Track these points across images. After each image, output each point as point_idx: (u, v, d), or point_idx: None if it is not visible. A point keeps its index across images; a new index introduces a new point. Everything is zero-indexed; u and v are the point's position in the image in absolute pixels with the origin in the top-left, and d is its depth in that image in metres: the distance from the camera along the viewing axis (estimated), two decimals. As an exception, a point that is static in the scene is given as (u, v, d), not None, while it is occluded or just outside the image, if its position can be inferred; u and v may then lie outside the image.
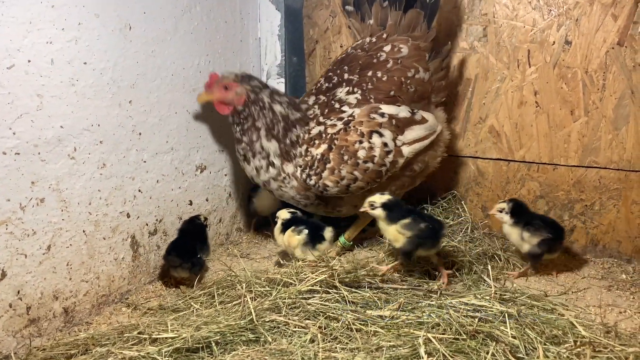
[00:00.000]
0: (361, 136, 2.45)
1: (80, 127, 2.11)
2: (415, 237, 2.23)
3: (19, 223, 1.93)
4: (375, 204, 2.29)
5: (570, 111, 2.65)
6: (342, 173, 2.43)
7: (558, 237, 2.43)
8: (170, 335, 1.88)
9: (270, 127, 2.47)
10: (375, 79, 2.61)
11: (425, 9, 2.66)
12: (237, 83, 2.47)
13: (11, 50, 1.86)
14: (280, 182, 2.53)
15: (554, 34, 2.63)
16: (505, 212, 2.44)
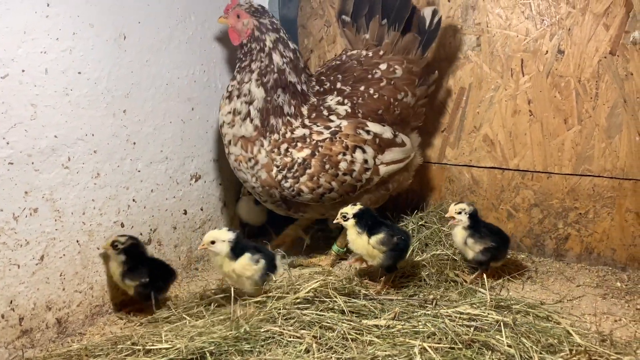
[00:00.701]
0: (345, 149, 2.45)
1: (75, 136, 2.10)
2: (390, 251, 2.25)
3: (12, 233, 1.92)
4: (348, 215, 2.27)
5: (564, 120, 2.67)
6: (320, 181, 2.42)
7: (503, 246, 2.43)
8: (164, 346, 1.87)
9: (263, 74, 2.42)
10: (367, 95, 2.63)
11: (422, 34, 2.72)
12: (248, 14, 2.46)
13: (5, 60, 1.86)
14: (246, 163, 2.46)
15: (547, 44, 2.65)
16: (464, 213, 2.40)
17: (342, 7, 2.79)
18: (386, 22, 2.72)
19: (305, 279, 2.32)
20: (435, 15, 2.72)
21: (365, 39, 2.76)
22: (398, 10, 2.71)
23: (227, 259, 2.13)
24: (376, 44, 2.74)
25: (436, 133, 2.98)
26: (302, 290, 2.14)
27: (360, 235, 2.27)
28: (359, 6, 2.74)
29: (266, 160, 2.42)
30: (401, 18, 2.71)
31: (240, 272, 2.14)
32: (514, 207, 2.84)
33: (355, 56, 2.74)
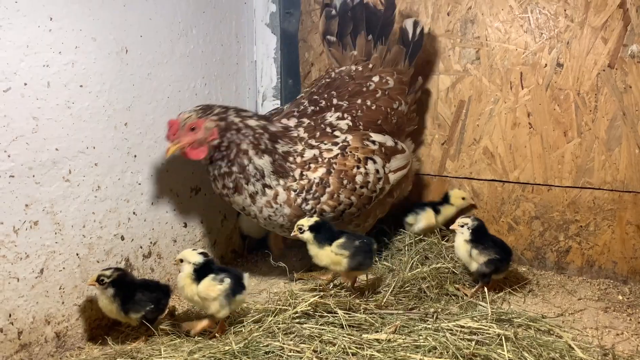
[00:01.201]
0: (358, 162, 2.46)
1: (76, 149, 2.11)
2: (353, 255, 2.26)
3: (12, 246, 1.91)
4: (304, 228, 2.25)
5: (564, 132, 2.68)
6: (341, 197, 2.40)
7: (505, 259, 2.43)
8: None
9: (257, 144, 2.33)
10: (365, 107, 2.65)
11: (407, 46, 2.79)
12: (202, 119, 2.27)
13: (8, 73, 1.86)
14: (272, 211, 2.37)
15: (546, 57, 2.66)
16: (467, 227, 2.44)
17: (327, 28, 2.82)
18: (372, 37, 2.79)
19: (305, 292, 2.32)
20: (417, 26, 2.80)
21: (353, 55, 2.80)
22: (383, 26, 2.78)
23: (190, 282, 2.04)
24: (365, 59, 2.79)
25: (436, 145, 2.98)
26: (302, 304, 2.13)
27: (321, 247, 2.27)
28: (344, 25, 2.79)
29: (285, 195, 2.36)
30: (387, 32, 2.79)
31: (205, 295, 2.02)
32: (515, 220, 2.84)
33: (345, 72, 2.77)
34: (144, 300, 2.11)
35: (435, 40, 2.89)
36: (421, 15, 2.90)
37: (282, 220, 2.40)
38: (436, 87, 2.93)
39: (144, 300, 2.11)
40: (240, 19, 2.95)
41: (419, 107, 2.94)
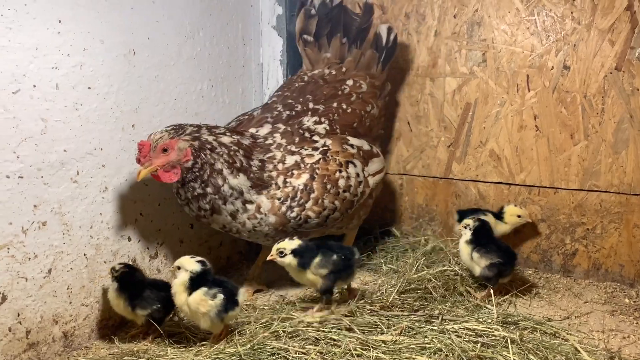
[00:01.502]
0: (340, 166, 2.43)
1: (84, 150, 2.13)
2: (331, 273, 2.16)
3: (20, 246, 1.93)
4: (286, 251, 2.13)
5: (570, 135, 2.67)
6: (325, 203, 2.36)
7: (509, 263, 2.40)
8: None
9: (232, 162, 2.21)
10: (341, 110, 2.64)
11: (380, 51, 2.82)
12: (174, 139, 2.12)
13: (17, 75, 1.88)
14: (257, 222, 2.28)
15: (553, 59, 2.66)
16: (468, 229, 2.43)
17: (305, 27, 2.82)
18: (346, 40, 2.80)
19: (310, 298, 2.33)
20: (391, 32, 2.83)
21: (327, 57, 2.81)
22: (359, 31, 2.80)
23: (182, 290, 1.98)
24: (338, 62, 2.80)
25: (442, 148, 2.98)
26: (308, 316, 2.15)
27: (302, 271, 2.17)
28: (321, 26, 2.80)
29: (270, 204, 2.28)
30: (363, 37, 2.81)
31: (194, 308, 1.96)
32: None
33: (317, 75, 2.77)
34: (152, 298, 2.09)
35: (442, 42, 2.89)
36: (427, 18, 2.90)
37: (268, 229, 2.31)
38: (442, 89, 2.93)
39: (152, 298, 2.10)
40: (247, 21, 2.97)
41: (427, 109, 2.95)
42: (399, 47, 2.91)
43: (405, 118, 3.05)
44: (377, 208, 3.20)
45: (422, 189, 3.06)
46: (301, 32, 2.84)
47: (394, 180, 3.13)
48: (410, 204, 3.11)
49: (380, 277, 2.64)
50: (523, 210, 2.72)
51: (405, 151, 3.07)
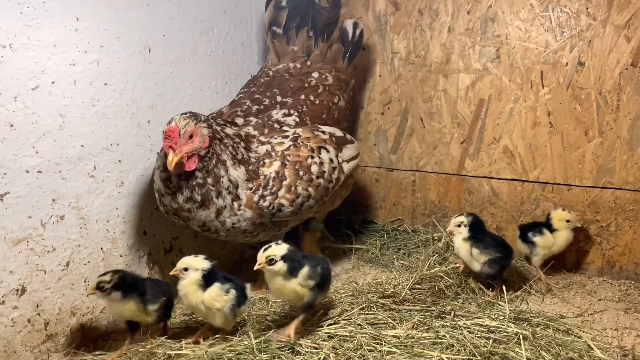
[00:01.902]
0: (312, 151, 2.38)
1: (100, 146, 2.16)
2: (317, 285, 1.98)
3: (39, 240, 1.97)
4: (276, 257, 1.90)
5: (585, 132, 2.66)
6: (299, 190, 2.30)
7: (508, 257, 2.39)
8: (185, 352, 1.90)
9: (235, 154, 2.19)
10: (309, 102, 2.64)
11: (346, 46, 2.85)
12: (197, 126, 2.09)
13: (36, 72, 1.92)
14: (237, 218, 2.21)
15: (567, 55, 2.64)
16: (464, 225, 2.41)
17: (275, 19, 2.81)
18: (313, 34, 2.80)
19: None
20: (357, 27, 2.86)
21: (293, 50, 2.81)
22: (326, 24, 2.81)
23: (195, 287, 1.96)
24: (304, 56, 2.80)
25: (455, 144, 2.98)
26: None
27: (289, 279, 1.93)
28: (290, 18, 2.79)
29: (245, 197, 2.20)
30: (330, 31, 2.82)
31: (209, 304, 1.95)
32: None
33: (282, 70, 2.76)
34: (157, 292, 2.06)
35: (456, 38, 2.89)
36: (441, 14, 2.90)
37: (246, 225, 2.24)
38: (456, 85, 2.92)
39: (157, 291, 2.06)
40: (261, 18, 2.98)
41: (439, 104, 2.95)
42: (412, 43, 2.90)
43: (418, 114, 3.05)
44: (388, 204, 3.21)
45: (434, 186, 3.06)
46: (271, 23, 2.82)
47: (407, 177, 3.14)
48: (422, 200, 3.11)
49: (392, 273, 2.65)
50: (572, 215, 2.58)
51: (418, 147, 3.07)
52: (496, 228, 2.92)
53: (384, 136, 3.17)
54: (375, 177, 3.24)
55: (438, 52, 2.94)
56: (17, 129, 1.88)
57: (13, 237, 1.89)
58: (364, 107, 3.21)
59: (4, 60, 1.82)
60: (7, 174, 1.86)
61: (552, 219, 2.59)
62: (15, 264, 1.91)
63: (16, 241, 1.90)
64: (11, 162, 1.87)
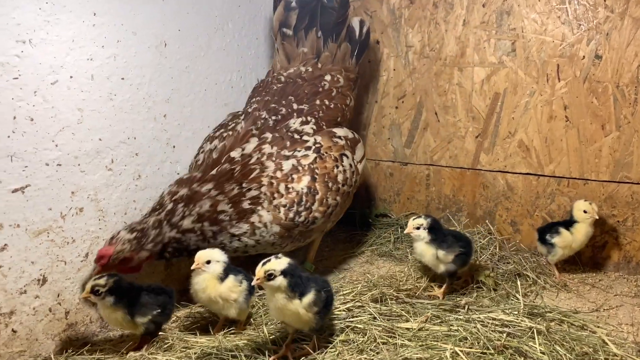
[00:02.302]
0: (335, 161, 2.42)
1: (118, 139, 2.19)
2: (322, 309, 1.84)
3: (59, 231, 2.01)
4: (275, 272, 1.73)
5: (601, 126, 2.63)
6: (329, 201, 2.34)
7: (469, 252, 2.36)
8: (201, 340, 1.94)
9: (204, 238, 2.16)
10: (325, 107, 2.64)
11: (354, 45, 2.84)
12: (135, 251, 2.05)
13: (55, 67, 1.95)
14: (258, 237, 2.24)
15: (584, 49, 2.62)
16: (423, 228, 2.32)
17: (284, 20, 2.77)
18: (322, 34, 2.78)
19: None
20: (363, 25, 2.85)
21: (303, 52, 2.78)
22: (335, 24, 2.78)
23: (215, 281, 1.97)
24: (314, 57, 2.77)
25: (470, 138, 2.97)
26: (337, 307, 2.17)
27: (291, 300, 1.75)
28: (300, 18, 2.75)
29: (271, 216, 2.22)
30: (339, 30, 2.79)
31: (226, 295, 1.97)
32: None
33: (294, 74, 2.72)
34: (151, 304, 1.96)
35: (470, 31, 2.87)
36: (456, 7, 2.88)
37: (273, 239, 2.26)
38: (471, 79, 2.91)
39: (151, 303, 1.96)
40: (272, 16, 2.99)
41: (454, 99, 2.94)
42: (427, 36, 2.90)
43: (433, 108, 3.04)
44: (402, 198, 3.21)
45: (449, 180, 3.06)
46: (280, 25, 2.77)
47: (421, 171, 3.13)
48: (437, 194, 3.11)
49: (406, 267, 2.66)
50: (591, 206, 2.51)
51: (433, 142, 3.07)
52: (511, 222, 2.91)
53: (398, 130, 3.17)
54: (390, 171, 3.24)
55: (453, 46, 2.93)
56: (37, 123, 1.92)
57: (34, 228, 1.94)
58: (378, 101, 3.21)
59: (24, 55, 1.86)
60: (28, 166, 1.90)
61: (573, 209, 2.55)
62: (37, 255, 1.95)
63: (37, 232, 1.95)
64: (32, 155, 1.91)
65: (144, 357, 1.88)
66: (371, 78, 3.21)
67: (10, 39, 1.82)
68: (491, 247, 2.74)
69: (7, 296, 1.88)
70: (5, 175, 1.84)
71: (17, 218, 1.89)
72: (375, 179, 3.30)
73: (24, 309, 1.93)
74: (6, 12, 1.80)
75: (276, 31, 2.80)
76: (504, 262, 2.65)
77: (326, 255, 2.95)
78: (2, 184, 1.84)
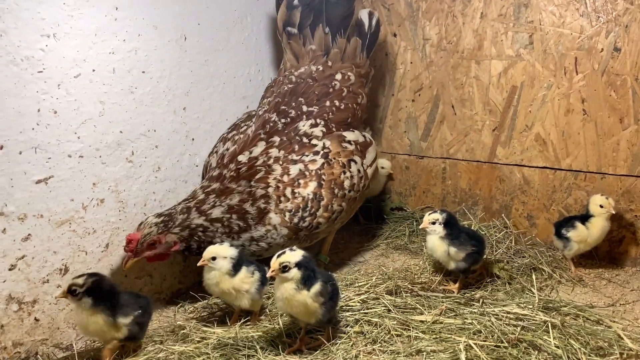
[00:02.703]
0: (343, 167, 2.41)
1: (138, 132, 2.23)
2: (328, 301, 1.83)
3: (81, 222, 2.06)
4: (290, 265, 1.75)
5: (620, 119, 2.61)
6: (334, 207, 2.35)
7: (482, 250, 2.34)
8: (218, 330, 1.98)
9: (229, 231, 2.19)
10: (335, 108, 2.60)
11: (363, 38, 2.77)
12: (162, 234, 2.09)
13: (78, 60, 2.00)
14: (270, 240, 2.27)
15: (603, 41, 2.59)
16: (438, 223, 2.31)
17: (288, 19, 2.73)
18: (329, 30, 2.72)
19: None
20: (372, 17, 2.79)
21: (311, 49, 2.72)
22: (342, 18, 2.73)
23: (226, 276, 1.99)
24: (323, 53, 2.72)
25: (487, 132, 2.96)
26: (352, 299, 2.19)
27: (300, 290, 1.77)
28: (304, 16, 2.71)
29: (279, 218, 2.24)
30: (346, 24, 2.73)
31: (238, 287, 1.99)
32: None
33: (305, 74, 2.68)
34: (132, 304, 1.83)
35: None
36: (473, 0, 2.87)
37: (282, 241, 2.29)
38: (488, 72, 2.90)
39: (132, 303, 1.84)
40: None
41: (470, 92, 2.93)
42: (444, 29, 2.89)
43: (450, 101, 3.04)
44: (418, 191, 3.22)
45: (465, 173, 3.06)
46: (285, 24, 2.73)
47: (437, 164, 3.14)
48: (453, 188, 3.11)
49: (421, 260, 2.67)
50: (607, 200, 2.48)
51: (449, 135, 3.07)
52: (527, 216, 2.90)
53: (415, 123, 3.17)
54: (405, 164, 3.25)
55: (470, 39, 2.92)
56: (60, 115, 1.96)
57: (57, 219, 1.99)
58: (395, 94, 3.21)
59: (49, 49, 1.90)
60: (51, 158, 1.95)
61: (589, 204, 2.53)
62: (59, 245, 2.00)
63: (60, 223, 2.00)
64: (55, 147, 1.95)
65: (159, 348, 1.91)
66: (388, 71, 3.21)
67: (35, 33, 1.87)
68: (507, 240, 2.74)
69: (30, 285, 1.94)
70: (30, 166, 1.89)
71: (41, 208, 1.94)
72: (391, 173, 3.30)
73: (46, 298, 1.99)
74: (31, 6, 1.85)
75: (281, 31, 2.75)
76: (519, 256, 2.65)
77: (341, 247, 2.97)
78: (27, 175, 1.89)
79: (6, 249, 1.86)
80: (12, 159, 1.85)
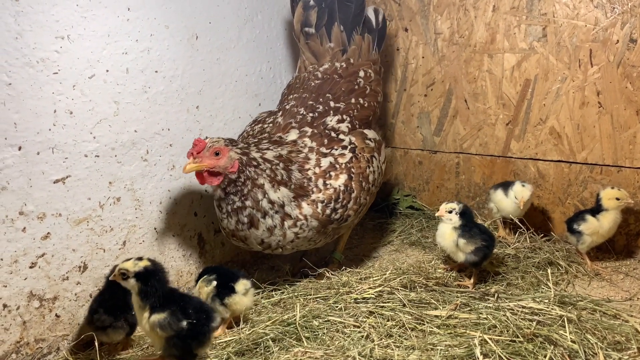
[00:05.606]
0: (368, 162, 2.46)
1: (152, 131, 2.26)
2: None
3: (98, 220, 2.10)
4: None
5: (636, 111, 2.57)
6: (361, 200, 2.40)
7: (491, 245, 2.32)
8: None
9: (273, 177, 2.19)
10: (359, 106, 2.64)
11: (373, 34, 2.82)
12: (228, 147, 2.12)
13: (92, 61, 2.02)
14: (299, 229, 2.25)
15: (618, 33, 2.56)
16: (455, 213, 2.35)
17: (305, 20, 2.77)
18: (343, 28, 2.77)
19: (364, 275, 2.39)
20: (378, 13, 2.83)
21: (330, 47, 2.77)
22: (355, 15, 2.77)
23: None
24: (341, 50, 2.77)
25: (500, 126, 2.94)
26: (367, 291, 2.20)
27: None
28: (320, 16, 2.76)
29: (311, 209, 2.26)
30: (359, 21, 2.78)
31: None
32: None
33: (331, 71, 2.71)
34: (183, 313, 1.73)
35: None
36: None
37: (311, 234, 2.29)
38: (501, 65, 2.88)
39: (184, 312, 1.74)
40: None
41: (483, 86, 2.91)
42: (456, 23, 2.87)
43: (462, 96, 3.02)
44: (431, 186, 3.21)
45: (479, 168, 3.04)
46: (303, 24, 2.77)
47: (450, 159, 3.13)
48: (467, 182, 3.10)
49: (435, 256, 2.67)
50: (621, 192, 2.47)
51: (462, 129, 3.05)
52: (542, 210, 2.88)
53: (427, 118, 3.16)
54: (419, 159, 3.24)
55: (482, 32, 2.90)
56: (76, 116, 1.99)
57: (75, 217, 2.02)
58: (407, 89, 3.20)
59: (63, 50, 1.93)
60: (68, 158, 1.98)
61: (601, 200, 2.50)
62: (77, 243, 2.04)
63: (78, 221, 2.03)
64: (71, 147, 1.98)
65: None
66: (399, 66, 3.21)
67: (50, 35, 1.89)
68: (521, 235, 2.72)
69: (50, 282, 1.97)
70: (47, 166, 1.93)
71: (59, 207, 1.97)
72: (404, 168, 3.30)
73: (66, 295, 2.02)
74: (45, 9, 1.87)
75: (298, 32, 2.79)
76: (534, 250, 2.63)
77: (355, 243, 2.98)
78: (45, 175, 1.92)
79: (26, 247, 1.90)
80: (30, 160, 1.88)
